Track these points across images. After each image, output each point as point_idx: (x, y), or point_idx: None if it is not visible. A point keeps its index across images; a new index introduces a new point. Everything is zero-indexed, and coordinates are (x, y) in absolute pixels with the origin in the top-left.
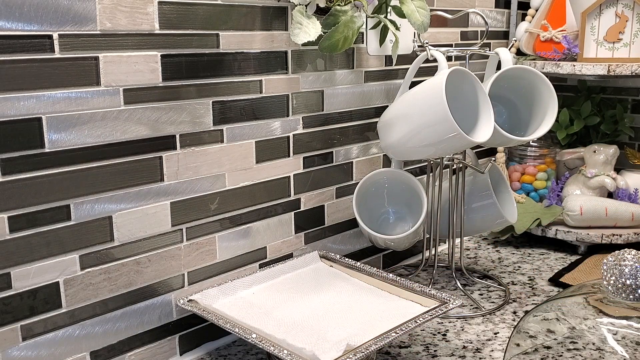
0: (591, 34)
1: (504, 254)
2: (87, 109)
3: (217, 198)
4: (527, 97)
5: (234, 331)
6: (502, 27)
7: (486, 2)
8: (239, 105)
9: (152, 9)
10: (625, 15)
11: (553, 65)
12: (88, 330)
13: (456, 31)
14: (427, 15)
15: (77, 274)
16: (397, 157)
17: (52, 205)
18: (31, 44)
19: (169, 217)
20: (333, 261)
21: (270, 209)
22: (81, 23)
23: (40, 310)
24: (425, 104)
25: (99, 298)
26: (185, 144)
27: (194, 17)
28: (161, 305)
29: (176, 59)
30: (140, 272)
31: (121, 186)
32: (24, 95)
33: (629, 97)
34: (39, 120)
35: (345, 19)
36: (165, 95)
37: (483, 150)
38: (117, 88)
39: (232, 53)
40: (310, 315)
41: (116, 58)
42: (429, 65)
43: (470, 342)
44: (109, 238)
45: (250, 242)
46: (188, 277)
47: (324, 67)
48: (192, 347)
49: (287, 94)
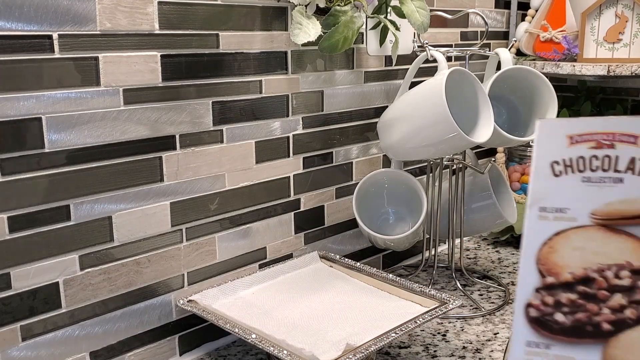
0: (591, 34)
1: (504, 254)
2: (87, 109)
3: (217, 198)
4: (527, 97)
5: (234, 331)
6: (502, 28)
7: (486, 3)
8: (239, 105)
9: (151, 9)
10: (625, 15)
11: (553, 65)
12: (88, 331)
13: (456, 31)
14: (427, 16)
15: (77, 274)
16: (397, 158)
17: (51, 206)
18: (31, 44)
19: (169, 218)
20: (333, 261)
21: (270, 209)
22: (81, 23)
23: (39, 311)
24: (425, 105)
25: (99, 298)
26: (185, 144)
27: (193, 17)
28: (161, 305)
29: (176, 59)
30: (140, 272)
31: (121, 186)
32: (24, 95)
33: (628, 97)
34: (39, 121)
35: (345, 19)
36: (165, 96)
37: (483, 151)
38: (117, 88)
39: (232, 53)
40: (310, 315)
41: (116, 58)
42: (429, 66)
43: (470, 342)
44: (109, 238)
45: (250, 243)
46: (188, 277)
47: (323, 68)
48: (192, 347)
49: (287, 94)
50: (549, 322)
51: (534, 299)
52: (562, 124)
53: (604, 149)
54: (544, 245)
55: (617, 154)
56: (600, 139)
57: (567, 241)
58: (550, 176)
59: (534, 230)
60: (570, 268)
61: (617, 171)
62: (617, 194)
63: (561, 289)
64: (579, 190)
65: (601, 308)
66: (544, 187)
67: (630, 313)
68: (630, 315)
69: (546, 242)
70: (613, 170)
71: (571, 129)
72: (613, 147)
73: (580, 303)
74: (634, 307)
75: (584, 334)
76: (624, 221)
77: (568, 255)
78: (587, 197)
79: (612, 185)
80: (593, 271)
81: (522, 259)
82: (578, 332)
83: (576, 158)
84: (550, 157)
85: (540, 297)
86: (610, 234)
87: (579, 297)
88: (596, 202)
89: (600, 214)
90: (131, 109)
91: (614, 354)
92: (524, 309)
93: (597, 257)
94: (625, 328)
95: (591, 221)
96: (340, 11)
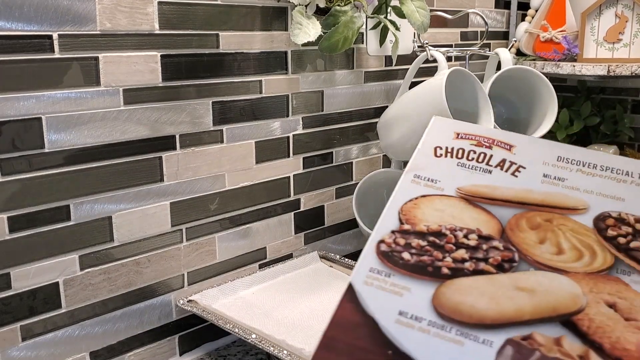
0: (591, 34)
1: None
2: (87, 109)
3: (217, 198)
4: (527, 97)
5: (234, 331)
6: (502, 28)
7: (486, 3)
8: (239, 105)
9: (151, 9)
10: (625, 15)
11: (553, 65)
12: (88, 331)
13: (456, 31)
14: (427, 16)
15: (77, 274)
16: (397, 157)
17: (51, 206)
18: (31, 44)
19: (169, 218)
20: (333, 261)
21: (270, 209)
22: (81, 23)
23: (39, 311)
24: (425, 104)
25: (99, 298)
26: (185, 144)
27: (193, 17)
28: (161, 305)
29: (176, 59)
30: (140, 272)
31: (121, 186)
32: (24, 95)
33: (628, 97)
34: (39, 121)
35: (345, 19)
36: (165, 96)
37: None
38: (117, 88)
39: (232, 53)
40: (310, 315)
41: (116, 58)
42: (429, 66)
43: None
44: (109, 238)
45: (250, 243)
46: (188, 277)
47: (323, 68)
48: (192, 347)
49: (287, 94)
50: (395, 257)
51: (388, 237)
52: (454, 123)
53: (483, 147)
54: (409, 201)
55: (492, 153)
56: (482, 140)
57: (431, 203)
58: (431, 156)
59: (404, 189)
60: (427, 222)
61: (489, 165)
62: (484, 181)
63: (414, 236)
64: (453, 170)
65: (445, 257)
66: (423, 162)
67: (469, 266)
68: (469, 267)
69: (412, 199)
70: (485, 164)
71: (460, 128)
72: (490, 148)
73: (428, 249)
74: (473, 262)
75: (424, 273)
76: (484, 200)
77: (428, 213)
78: (458, 177)
79: (482, 174)
80: (446, 229)
81: (386, 208)
82: (419, 269)
83: (457, 148)
84: (436, 143)
85: (393, 237)
86: (469, 206)
87: (428, 244)
88: (464, 182)
89: (465, 191)
90: (131, 109)
91: (444, 291)
92: (376, 243)
93: (453, 220)
94: (461, 275)
95: (456, 194)
96: (340, 11)
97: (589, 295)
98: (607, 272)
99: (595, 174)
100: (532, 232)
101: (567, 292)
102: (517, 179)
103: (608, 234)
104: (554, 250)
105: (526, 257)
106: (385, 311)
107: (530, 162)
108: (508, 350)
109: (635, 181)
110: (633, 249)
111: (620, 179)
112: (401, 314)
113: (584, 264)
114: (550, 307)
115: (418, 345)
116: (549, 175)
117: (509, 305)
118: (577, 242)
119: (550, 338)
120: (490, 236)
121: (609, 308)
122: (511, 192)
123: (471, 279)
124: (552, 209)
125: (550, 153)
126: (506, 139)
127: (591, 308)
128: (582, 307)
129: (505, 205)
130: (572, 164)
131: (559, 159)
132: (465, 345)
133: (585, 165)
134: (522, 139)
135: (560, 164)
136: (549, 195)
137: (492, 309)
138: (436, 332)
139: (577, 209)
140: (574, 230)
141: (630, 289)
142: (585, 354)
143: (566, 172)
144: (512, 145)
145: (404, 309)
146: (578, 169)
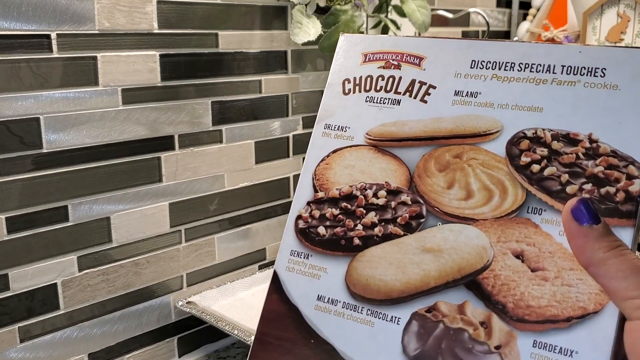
0: (593, 34)
1: None
2: (85, 109)
3: (216, 199)
4: None
5: (233, 333)
6: (504, 27)
7: (487, 2)
8: (238, 105)
9: (150, 9)
10: (627, 15)
11: None
12: (86, 332)
13: (457, 31)
14: (428, 15)
15: (75, 275)
16: None
17: (50, 206)
18: (29, 44)
19: (168, 218)
20: None
21: (269, 210)
22: (79, 22)
23: (38, 312)
24: None
25: (97, 299)
26: (184, 144)
27: (192, 16)
28: (160, 306)
29: (175, 59)
30: (138, 273)
31: (119, 187)
32: (22, 95)
33: None
34: (37, 121)
35: (346, 18)
36: (163, 95)
37: None
38: (116, 88)
39: (231, 53)
40: None
41: (114, 58)
42: None
43: None
44: (107, 239)
45: (250, 243)
46: (187, 278)
47: (323, 67)
48: (191, 349)
49: (287, 94)
50: (312, 234)
51: (304, 211)
52: (361, 39)
53: (392, 69)
54: (321, 162)
55: (400, 75)
56: (390, 59)
57: (342, 159)
58: (340, 94)
59: (317, 146)
60: (339, 185)
61: (397, 93)
62: (392, 116)
63: (327, 204)
64: (362, 109)
65: (356, 225)
66: (333, 104)
67: (378, 230)
68: (378, 233)
69: (324, 159)
70: (394, 92)
71: (368, 46)
72: (399, 68)
73: (340, 218)
74: (382, 226)
75: (338, 248)
76: (392, 143)
77: (340, 173)
78: (366, 117)
79: (390, 107)
80: (357, 189)
81: (302, 174)
82: (333, 245)
83: (365, 77)
84: (345, 74)
85: (309, 210)
86: (377, 155)
87: (340, 212)
88: (372, 123)
89: (373, 134)
90: (130, 108)
91: (356, 266)
92: (294, 221)
93: (362, 176)
94: (371, 244)
95: (365, 141)
96: (341, 10)
97: (497, 245)
98: (517, 214)
99: (512, 78)
100: (440, 175)
101: (473, 246)
102: (427, 105)
103: (521, 162)
104: (463, 195)
105: (434, 208)
106: (305, 298)
107: (442, 76)
108: (414, 326)
109: (557, 78)
110: (546, 177)
111: (540, 78)
112: (319, 299)
113: (492, 207)
114: (455, 267)
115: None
116: (460, 92)
117: (415, 273)
118: (487, 178)
119: (454, 306)
120: (399, 189)
121: (515, 259)
122: (420, 125)
123: (380, 247)
124: (463, 140)
125: (463, 58)
126: (416, 49)
127: (497, 262)
128: (488, 262)
129: (414, 145)
130: (487, 68)
131: (472, 64)
132: (376, 326)
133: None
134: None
135: (474, 72)
136: (459, 121)
137: (399, 279)
138: (350, 315)
139: (490, 133)
140: (484, 164)
141: (540, 231)
142: (488, 318)
143: (479, 82)
144: (422, 58)
145: (321, 293)
146: (493, 74)
